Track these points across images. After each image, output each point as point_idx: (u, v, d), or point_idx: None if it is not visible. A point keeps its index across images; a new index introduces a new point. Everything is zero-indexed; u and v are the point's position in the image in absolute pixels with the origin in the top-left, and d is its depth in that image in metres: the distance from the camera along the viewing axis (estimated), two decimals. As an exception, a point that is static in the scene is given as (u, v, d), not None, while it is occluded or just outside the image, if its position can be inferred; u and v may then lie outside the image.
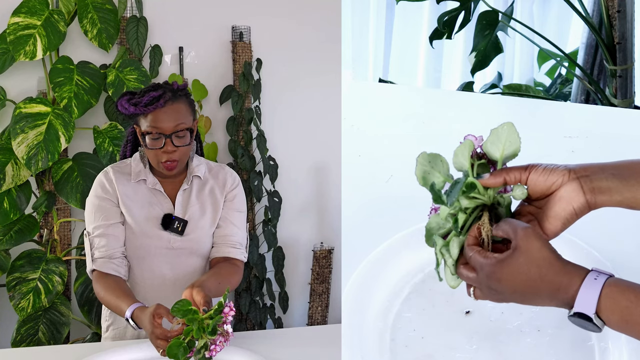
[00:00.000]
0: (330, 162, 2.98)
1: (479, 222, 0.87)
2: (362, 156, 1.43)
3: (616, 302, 0.76)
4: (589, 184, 0.82)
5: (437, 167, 0.89)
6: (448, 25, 2.31)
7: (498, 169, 0.87)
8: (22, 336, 2.32)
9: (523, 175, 0.85)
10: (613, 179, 0.81)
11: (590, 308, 0.76)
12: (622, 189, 0.81)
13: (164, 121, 1.52)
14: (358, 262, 1.18)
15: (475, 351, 1.08)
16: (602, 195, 0.82)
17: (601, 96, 2.37)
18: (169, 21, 2.77)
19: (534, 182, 0.85)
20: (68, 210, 2.63)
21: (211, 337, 1.16)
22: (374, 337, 1.10)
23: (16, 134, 2.32)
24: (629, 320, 0.75)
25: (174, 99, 1.55)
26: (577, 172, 0.83)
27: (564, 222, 0.84)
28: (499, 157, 0.86)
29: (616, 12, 2.20)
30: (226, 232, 1.65)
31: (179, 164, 1.57)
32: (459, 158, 0.87)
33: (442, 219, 0.89)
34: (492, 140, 0.86)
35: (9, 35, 2.38)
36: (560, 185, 0.83)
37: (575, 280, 0.78)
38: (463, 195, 0.86)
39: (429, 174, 0.89)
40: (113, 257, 1.57)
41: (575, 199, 0.82)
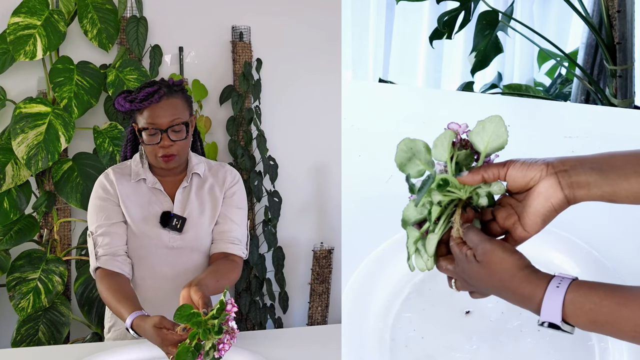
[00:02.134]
0: (330, 162, 2.98)
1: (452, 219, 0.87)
2: (362, 156, 1.43)
3: (580, 306, 0.76)
4: (566, 179, 0.81)
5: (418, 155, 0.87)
6: (448, 25, 2.31)
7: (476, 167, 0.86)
8: (22, 336, 2.32)
9: (501, 171, 0.84)
10: (592, 173, 0.80)
11: (556, 317, 0.77)
12: (601, 183, 0.80)
13: (159, 116, 1.53)
14: (358, 262, 1.18)
15: (475, 351, 1.08)
16: (580, 189, 0.80)
17: (601, 96, 2.37)
18: (169, 21, 2.77)
19: (512, 178, 0.84)
20: (68, 210, 2.63)
21: (218, 336, 1.16)
22: (374, 337, 1.10)
23: (16, 134, 2.32)
24: (595, 321, 0.75)
25: (170, 94, 1.56)
26: (555, 167, 0.82)
27: (543, 218, 0.83)
28: (482, 149, 0.85)
29: (616, 12, 2.20)
30: (224, 228, 1.64)
31: (177, 158, 1.58)
32: (438, 149, 0.85)
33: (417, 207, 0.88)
34: (478, 131, 0.85)
35: (9, 35, 2.38)
36: (538, 180, 0.82)
37: (539, 290, 0.78)
38: (437, 189, 0.85)
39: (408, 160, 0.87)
40: (117, 254, 1.57)
41: (553, 195, 0.81)
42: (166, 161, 1.57)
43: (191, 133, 1.61)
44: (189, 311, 1.18)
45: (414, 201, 0.89)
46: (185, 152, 1.60)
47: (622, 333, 0.74)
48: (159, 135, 1.54)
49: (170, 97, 1.56)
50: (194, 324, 1.17)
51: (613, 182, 0.79)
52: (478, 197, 0.87)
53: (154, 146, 1.55)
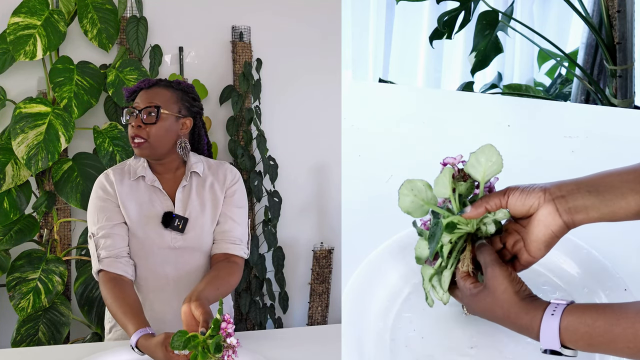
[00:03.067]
0: (330, 162, 2.98)
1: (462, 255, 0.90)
2: (362, 156, 1.43)
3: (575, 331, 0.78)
4: (564, 205, 0.83)
5: (419, 195, 0.91)
6: (448, 25, 2.31)
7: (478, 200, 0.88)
8: (22, 336, 2.32)
9: (502, 200, 0.87)
10: (589, 196, 0.82)
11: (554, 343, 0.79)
12: (599, 205, 0.82)
13: (142, 99, 1.59)
14: (358, 262, 1.18)
15: (475, 351, 1.08)
16: (578, 214, 0.82)
17: (601, 96, 2.37)
18: (169, 21, 2.77)
19: (512, 206, 0.87)
20: (68, 210, 2.63)
21: (218, 354, 1.16)
22: (374, 337, 1.10)
23: (16, 134, 2.32)
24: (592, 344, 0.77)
25: (161, 85, 1.62)
26: (552, 193, 0.84)
27: (545, 244, 0.86)
28: (481, 179, 0.88)
29: (616, 12, 2.20)
30: (225, 228, 1.64)
31: (147, 145, 1.56)
32: (439, 188, 0.89)
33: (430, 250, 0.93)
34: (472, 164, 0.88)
35: (9, 35, 2.38)
36: (537, 207, 0.85)
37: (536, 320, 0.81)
38: (446, 231, 0.88)
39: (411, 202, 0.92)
40: (119, 256, 1.56)
41: (552, 222, 0.84)
42: (135, 145, 1.57)
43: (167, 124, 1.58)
44: (184, 337, 1.17)
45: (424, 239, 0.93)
46: (158, 141, 1.57)
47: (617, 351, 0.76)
48: (134, 116, 1.58)
49: (162, 87, 1.61)
50: (192, 347, 1.16)
51: (611, 203, 0.81)
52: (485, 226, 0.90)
53: (129, 126, 1.58)
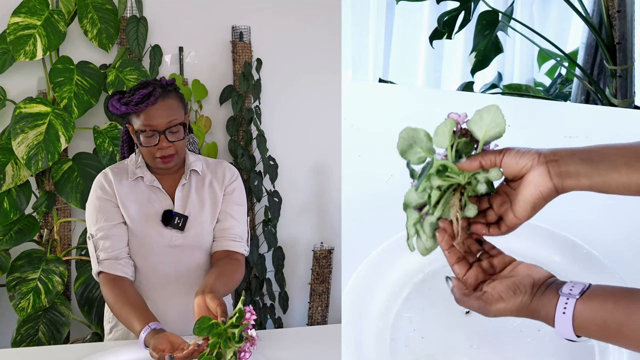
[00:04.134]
0: (330, 162, 2.98)
1: (450, 203, 0.90)
2: (362, 156, 1.43)
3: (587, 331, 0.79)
4: (556, 168, 0.84)
5: (418, 142, 0.91)
6: (448, 25, 2.31)
7: (474, 154, 0.89)
8: (22, 336, 2.32)
9: (498, 158, 0.88)
10: (582, 164, 0.83)
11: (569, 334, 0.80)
12: (591, 173, 0.82)
13: (156, 118, 1.51)
14: (358, 262, 1.18)
15: (475, 351, 1.08)
16: (569, 179, 0.83)
17: (601, 96, 2.37)
18: (169, 21, 2.77)
19: (506, 165, 0.87)
20: (68, 210, 2.63)
21: (238, 345, 1.16)
22: (374, 337, 1.10)
23: (16, 134, 2.32)
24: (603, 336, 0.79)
25: (164, 95, 1.54)
26: (547, 157, 0.85)
27: (532, 205, 0.86)
28: (481, 137, 0.88)
29: (616, 12, 2.20)
30: (226, 226, 1.64)
31: (176, 157, 1.57)
32: (439, 137, 0.89)
33: (417, 192, 0.92)
34: (476, 120, 0.88)
35: (9, 35, 2.38)
36: (529, 169, 0.85)
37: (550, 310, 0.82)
38: (437, 174, 0.89)
39: (410, 147, 0.91)
40: (119, 257, 1.56)
41: (542, 183, 0.84)
42: (165, 162, 1.55)
43: (187, 132, 1.60)
44: (208, 323, 1.17)
45: (414, 186, 0.93)
46: (183, 151, 1.60)
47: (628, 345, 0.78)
48: (156, 137, 1.52)
49: (166, 97, 1.54)
50: (215, 335, 1.16)
51: (604, 173, 0.82)
52: (477, 182, 0.90)
53: (151, 148, 1.54)
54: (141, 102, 1.50)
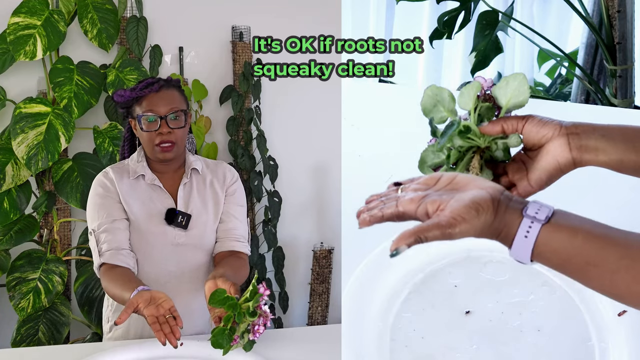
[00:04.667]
0: (330, 162, 2.98)
1: (470, 164, 0.90)
2: (362, 156, 1.43)
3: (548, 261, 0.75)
4: (576, 142, 0.84)
5: (442, 102, 0.91)
6: (448, 25, 2.31)
7: (497, 118, 0.89)
8: (22, 336, 2.32)
9: (520, 124, 0.88)
10: (602, 140, 0.83)
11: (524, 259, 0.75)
12: (609, 149, 0.82)
13: (158, 104, 1.57)
14: (358, 262, 1.18)
15: (475, 351, 1.08)
16: (588, 154, 0.83)
17: (601, 96, 2.37)
18: (169, 21, 2.77)
19: (527, 132, 0.87)
20: (68, 210, 2.63)
21: (252, 319, 1.17)
22: (374, 337, 1.10)
23: (16, 134, 2.32)
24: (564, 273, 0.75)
25: (168, 86, 1.61)
26: (568, 129, 0.85)
27: (548, 175, 0.86)
28: (504, 104, 0.89)
29: (616, 12, 2.20)
30: (229, 226, 1.65)
31: (175, 148, 1.58)
32: (464, 98, 0.90)
33: (437, 150, 0.92)
34: (501, 86, 0.89)
35: (9, 35, 2.38)
36: (550, 138, 0.85)
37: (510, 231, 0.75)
38: (459, 135, 0.89)
39: (433, 106, 0.92)
40: (121, 248, 1.56)
41: (561, 154, 0.84)
42: (164, 150, 1.57)
43: (189, 123, 1.63)
44: (223, 295, 1.19)
45: (432, 146, 0.93)
46: (183, 142, 1.62)
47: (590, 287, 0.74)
48: (157, 122, 1.56)
49: (169, 88, 1.61)
50: (229, 307, 1.18)
51: (621, 152, 0.82)
52: (496, 148, 0.90)
53: (152, 134, 1.56)
54: (146, 87, 1.58)
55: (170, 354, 1.41)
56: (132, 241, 1.60)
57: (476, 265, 1.21)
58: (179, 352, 1.41)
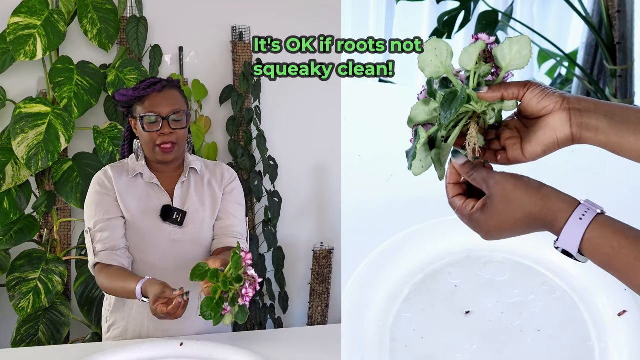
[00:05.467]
0: (330, 162, 2.98)
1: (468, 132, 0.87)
2: (362, 156, 1.43)
3: (598, 247, 0.75)
4: (578, 118, 0.82)
5: (440, 56, 0.87)
6: (448, 25, 2.31)
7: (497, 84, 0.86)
8: (22, 336, 2.32)
9: (521, 92, 0.85)
10: (603, 120, 0.81)
11: (573, 247, 0.76)
12: (609, 131, 0.81)
13: (161, 104, 1.58)
14: (358, 262, 1.18)
15: (475, 351, 1.08)
16: (588, 132, 0.82)
17: (601, 96, 2.37)
18: (169, 21, 2.77)
19: (527, 101, 0.85)
20: (68, 210, 2.63)
21: (239, 284, 1.17)
22: (374, 337, 1.10)
23: (16, 134, 2.32)
24: (609, 266, 0.75)
25: (170, 86, 1.62)
26: (571, 103, 0.83)
27: (544, 148, 0.84)
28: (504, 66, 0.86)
29: (616, 12, 2.20)
30: (227, 224, 1.66)
31: (176, 149, 1.59)
32: (465, 57, 0.86)
33: (428, 111, 0.89)
34: (504, 47, 0.85)
35: (9, 35, 2.38)
36: (550, 111, 0.83)
37: (562, 217, 0.77)
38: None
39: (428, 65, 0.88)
40: (116, 248, 1.57)
41: (560, 129, 0.83)
42: (165, 151, 1.58)
43: (189, 125, 1.63)
44: (203, 269, 1.20)
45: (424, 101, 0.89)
46: (183, 144, 1.62)
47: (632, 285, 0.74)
48: (159, 122, 1.56)
49: (171, 89, 1.61)
50: (212, 276, 1.18)
51: (620, 134, 0.80)
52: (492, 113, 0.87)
53: (153, 134, 1.57)
54: (148, 87, 1.59)
55: (170, 354, 1.41)
56: (129, 238, 1.61)
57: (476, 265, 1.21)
58: (179, 352, 1.41)
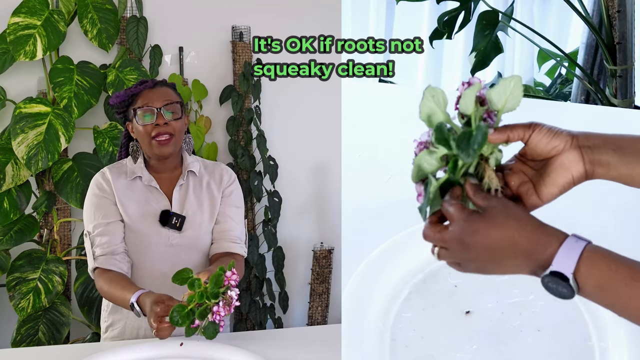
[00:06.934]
0: (330, 162, 2.98)
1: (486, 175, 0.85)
2: (362, 156, 1.43)
3: (595, 266, 0.74)
4: (589, 155, 0.82)
5: (439, 105, 0.86)
6: (448, 25, 2.31)
7: (502, 126, 0.85)
8: (22, 336, 2.32)
9: (526, 133, 0.84)
10: (613, 154, 0.81)
11: (568, 268, 0.75)
12: (620, 165, 0.81)
13: (153, 98, 1.59)
14: (358, 262, 1.18)
15: (475, 351, 1.08)
16: (600, 168, 0.82)
17: (601, 96, 2.37)
18: (169, 21, 2.77)
19: (535, 143, 0.84)
20: (68, 210, 2.63)
21: (214, 300, 1.17)
22: (374, 337, 1.10)
23: (16, 134, 2.32)
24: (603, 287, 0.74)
25: (161, 84, 1.64)
26: (580, 141, 0.82)
27: (561, 189, 0.84)
28: (500, 107, 0.84)
29: (616, 12, 2.20)
30: (225, 228, 1.66)
31: (173, 141, 1.59)
32: (465, 101, 0.85)
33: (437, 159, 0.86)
34: (499, 90, 0.84)
35: (9, 35, 2.38)
36: (561, 151, 0.83)
37: (555, 240, 0.77)
38: None
39: (434, 113, 0.86)
40: (115, 253, 1.57)
41: (575, 168, 0.82)
42: (162, 143, 1.57)
43: (186, 120, 1.64)
44: (187, 275, 1.20)
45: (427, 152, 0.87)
46: (181, 136, 1.62)
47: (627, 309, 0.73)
48: (153, 114, 1.57)
49: (162, 86, 1.63)
50: (190, 284, 1.18)
51: (631, 167, 0.80)
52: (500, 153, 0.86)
53: (148, 127, 1.57)
54: (140, 84, 1.62)
55: (170, 354, 1.41)
56: (128, 242, 1.61)
57: (476, 265, 1.20)
58: (179, 352, 1.41)
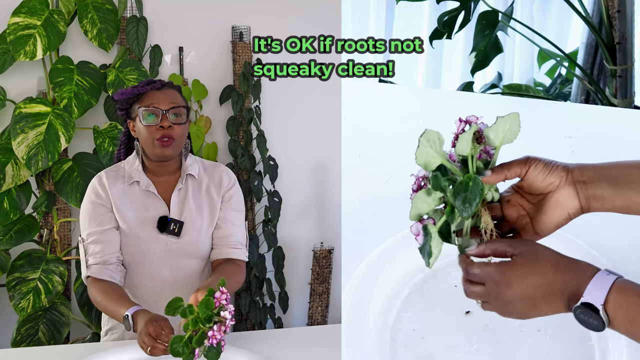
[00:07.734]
0: (330, 162, 2.98)
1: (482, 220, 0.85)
2: (362, 156, 1.43)
3: (625, 297, 0.75)
4: (584, 191, 0.83)
5: (435, 148, 0.87)
6: (448, 25, 2.31)
7: (498, 165, 0.86)
8: (22, 336, 2.32)
9: (523, 170, 0.85)
10: (607, 187, 0.82)
11: (598, 299, 0.76)
12: (615, 197, 0.82)
13: (160, 100, 1.57)
14: (358, 262, 1.18)
15: (475, 351, 1.08)
16: (595, 202, 0.83)
17: (601, 96, 2.37)
18: (169, 21, 2.77)
19: (531, 179, 0.85)
20: (68, 210, 2.63)
21: (208, 325, 1.16)
22: (374, 337, 1.10)
23: (16, 134, 2.32)
24: (634, 319, 0.75)
25: (169, 86, 1.62)
26: (575, 176, 0.83)
27: (557, 225, 0.86)
28: (497, 145, 0.85)
29: (616, 12, 2.20)
30: (226, 233, 1.63)
31: (175, 144, 1.56)
32: (462, 144, 0.85)
33: (433, 201, 0.87)
34: (497, 129, 0.85)
35: (9, 35, 2.38)
36: (557, 187, 0.84)
37: (588, 274, 0.78)
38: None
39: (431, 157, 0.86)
40: (108, 262, 1.56)
41: (570, 204, 0.84)
42: (164, 145, 1.54)
43: (189, 122, 1.62)
44: (178, 304, 1.18)
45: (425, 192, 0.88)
46: (182, 141, 1.59)
47: None
48: (159, 115, 1.55)
49: (170, 88, 1.61)
50: (182, 314, 1.17)
51: (626, 197, 0.82)
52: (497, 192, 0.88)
53: (152, 128, 1.54)
54: (147, 84, 1.59)
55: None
56: (125, 248, 1.59)
57: (476, 265, 1.20)
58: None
